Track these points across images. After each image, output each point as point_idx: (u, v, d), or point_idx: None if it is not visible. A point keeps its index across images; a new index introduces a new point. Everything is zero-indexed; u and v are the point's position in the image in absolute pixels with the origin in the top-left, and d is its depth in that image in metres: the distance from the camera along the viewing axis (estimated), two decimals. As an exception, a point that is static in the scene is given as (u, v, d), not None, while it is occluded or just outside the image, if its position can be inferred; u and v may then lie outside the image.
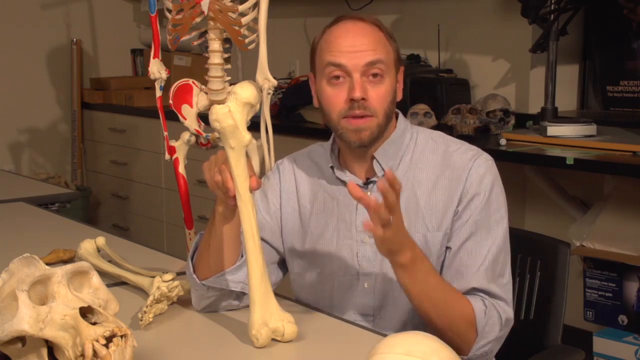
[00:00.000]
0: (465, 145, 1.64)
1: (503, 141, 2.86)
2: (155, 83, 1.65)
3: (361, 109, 1.53)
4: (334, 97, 1.56)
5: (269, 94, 1.45)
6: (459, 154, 1.61)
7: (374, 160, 1.61)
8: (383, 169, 1.61)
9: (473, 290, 1.55)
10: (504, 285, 1.57)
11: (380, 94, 1.55)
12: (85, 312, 1.15)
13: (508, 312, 1.56)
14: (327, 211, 1.66)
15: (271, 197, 1.71)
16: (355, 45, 1.54)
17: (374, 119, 1.55)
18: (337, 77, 1.55)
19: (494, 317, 1.54)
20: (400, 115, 1.67)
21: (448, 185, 1.58)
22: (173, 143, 1.67)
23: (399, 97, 1.62)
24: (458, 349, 1.48)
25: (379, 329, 1.60)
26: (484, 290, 1.54)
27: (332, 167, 1.65)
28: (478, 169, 1.58)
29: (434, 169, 1.60)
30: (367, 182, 1.63)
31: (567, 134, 2.83)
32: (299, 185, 1.70)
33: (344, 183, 1.64)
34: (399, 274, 1.47)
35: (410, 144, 1.64)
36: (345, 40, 1.55)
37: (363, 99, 1.53)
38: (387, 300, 1.60)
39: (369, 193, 1.61)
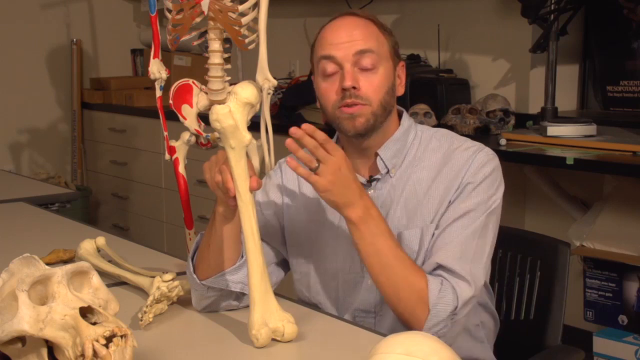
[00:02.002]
0: (468, 142, 1.64)
1: (503, 141, 2.87)
2: (155, 83, 1.65)
3: (353, 97, 1.54)
4: (327, 91, 1.57)
5: (269, 94, 1.45)
6: (461, 150, 1.61)
7: (378, 158, 1.61)
8: (386, 166, 1.61)
9: (437, 268, 1.52)
10: (474, 268, 1.52)
11: (373, 83, 1.55)
12: (85, 312, 1.15)
13: (467, 291, 1.50)
14: (329, 209, 1.65)
15: (273, 196, 1.71)
16: (344, 37, 1.56)
17: (367, 107, 1.55)
18: (330, 71, 1.56)
19: (448, 297, 1.49)
20: (405, 114, 1.67)
21: (447, 180, 1.58)
22: (173, 143, 1.67)
23: (400, 92, 1.63)
24: (409, 324, 1.48)
25: (379, 325, 1.60)
26: (447, 267, 1.50)
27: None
28: (477, 162, 1.58)
29: (435, 168, 1.60)
30: (370, 180, 1.63)
31: (567, 134, 2.83)
32: (302, 184, 1.70)
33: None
34: (349, 230, 1.49)
35: (414, 142, 1.64)
36: (336, 33, 1.57)
37: (354, 87, 1.54)
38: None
39: (371, 191, 1.62)
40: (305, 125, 1.43)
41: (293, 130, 1.41)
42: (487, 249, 1.56)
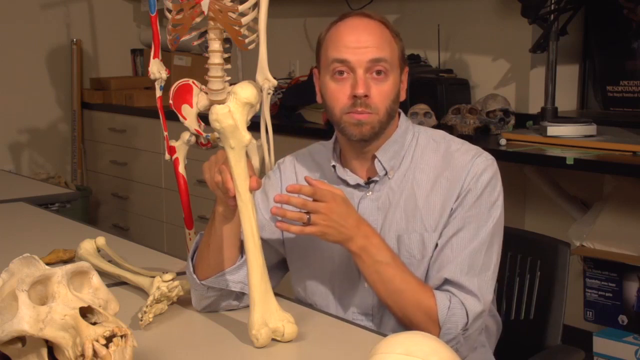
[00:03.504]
0: (466, 145, 1.64)
1: (503, 141, 2.86)
2: (155, 83, 1.66)
3: (363, 106, 1.54)
4: (337, 93, 1.56)
5: (269, 94, 1.45)
6: (459, 154, 1.61)
7: (376, 160, 1.61)
8: (384, 168, 1.61)
9: (445, 283, 1.53)
10: (482, 282, 1.53)
11: (383, 92, 1.55)
12: (85, 312, 1.15)
13: (477, 306, 1.52)
14: (327, 211, 1.66)
15: (272, 197, 1.70)
16: (360, 42, 1.54)
17: (375, 116, 1.55)
18: (341, 73, 1.55)
19: (457, 315, 1.51)
20: (402, 115, 1.67)
21: (447, 185, 1.58)
22: (173, 143, 1.68)
23: (403, 97, 1.63)
24: None
25: (379, 327, 1.60)
26: (455, 282, 1.52)
27: (333, 166, 1.65)
28: (476, 167, 1.57)
29: (434, 170, 1.60)
30: (368, 182, 1.63)
31: (567, 134, 2.83)
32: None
33: (345, 182, 1.64)
34: (354, 260, 1.53)
35: (412, 144, 1.64)
36: (350, 36, 1.55)
37: (365, 95, 1.53)
38: (386, 299, 1.60)
39: (369, 193, 1.62)
40: (289, 187, 1.47)
41: (277, 197, 1.47)
42: (493, 260, 1.57)
